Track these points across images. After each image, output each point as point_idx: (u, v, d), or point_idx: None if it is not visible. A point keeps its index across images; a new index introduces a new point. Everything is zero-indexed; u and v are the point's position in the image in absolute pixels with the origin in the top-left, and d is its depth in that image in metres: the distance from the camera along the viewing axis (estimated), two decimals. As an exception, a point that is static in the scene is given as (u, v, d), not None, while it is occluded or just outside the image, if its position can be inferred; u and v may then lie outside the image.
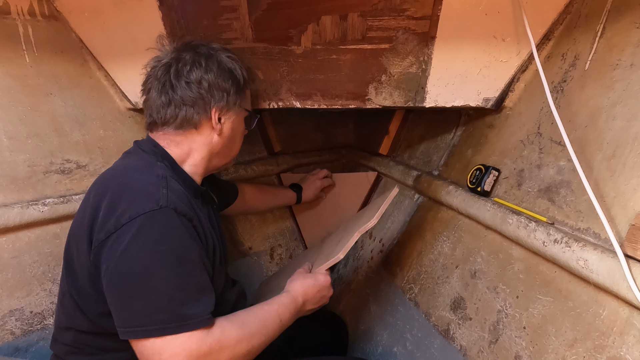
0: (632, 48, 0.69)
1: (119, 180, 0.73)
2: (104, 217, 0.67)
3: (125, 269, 0.64)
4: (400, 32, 0.93)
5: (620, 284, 0.57)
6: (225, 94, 0.84)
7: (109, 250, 0.65)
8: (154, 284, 0.64)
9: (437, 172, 1.19)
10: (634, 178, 0.62)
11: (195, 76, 0.81)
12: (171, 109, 0.81)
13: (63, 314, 0.79)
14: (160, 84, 0.82)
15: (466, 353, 0.84)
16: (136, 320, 0.63)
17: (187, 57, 0.82)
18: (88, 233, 0.69)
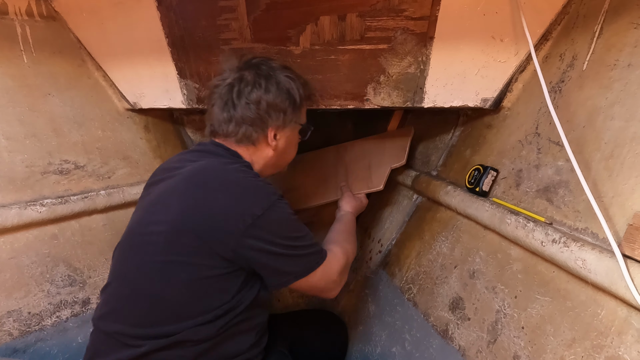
0: (629, 48, 0.69)
1: (228, 179, 0.81)
2: (234, 211, 0.76)
3: (280, 240, 0.78)
4: (398, 33, 0.93)
5: (618, 283, 0.57)
6: (282, 114, 0.92)
7: (260, 231, 0.76)
8: (303, 242, 0.82)
9: (436, 172, 1.19)
10: (632, 178, 0.62)
11: (255, 97, 0.89)
12: (232, 125, 0.90)
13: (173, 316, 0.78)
14: (222, 101, 0.91)
15: (465, 353, 0.84)
16: (303, 266, 0.83)
17: (249, 78, 0.90)
18: (212, 224, 0.76)
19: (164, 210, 0.80)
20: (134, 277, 0.80)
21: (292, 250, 0.80)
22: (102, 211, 1.13)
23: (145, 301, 0.78)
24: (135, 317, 0.78)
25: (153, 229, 0.79)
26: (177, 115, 1.45)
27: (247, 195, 0.78)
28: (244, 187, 0.79)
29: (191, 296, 0.77)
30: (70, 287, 1.05)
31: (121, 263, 0.84)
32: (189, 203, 0.78)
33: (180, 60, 1.10)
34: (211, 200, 0.77)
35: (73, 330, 1.04)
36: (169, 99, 1.19)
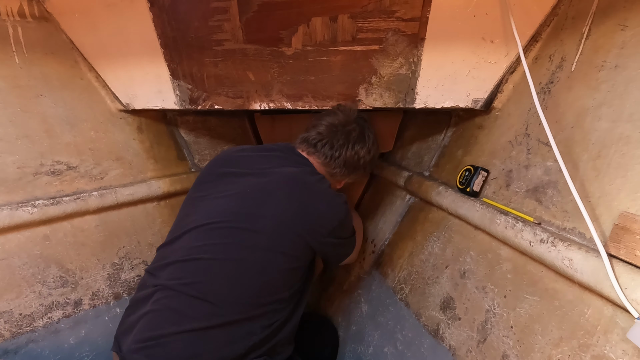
0: (616, 50, 0.70)
1: (323, 189, 1.00)
2: (324, 218, 0.97)
3: (348, 234, 1.08)
4: (390, 34, 0.93)
5: (603, 283, 0.57)
6: (364, 171, 1.17)
7: (340, 230, 1.01)
8: (353, 231, 1.12)
9: (428, 173, 1.20)
10: (618, 178, 0.63)
11: (363, 153, 1.12)
12: (334, 163, 1.09)
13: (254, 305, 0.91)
14: (340, 142, 1.08)
15: (455, 353, 0.85)
16: (353, 247, 1.14)
17: (361, 134, 1.11)
18: (309, 224, 0.95)
19: (270, 206, 0.94)
20: (238, 260, 0.91)
21: (350, 238, 1.09)
22: (94, 212, 1.13)
23: (246, 281, 0.90)
24: (234, 294, 0.89)
25: (259, 221, 0.92)
26: (170, 116, 1.45)
27: (335, 204, 0.99)
28: (332, 197, 0.99)
29: (282, 280, 0.93)
30: (62, 288, 1.05)
31: (220, 243, 0.92)
32: (296, 204, 0.94)
33: (173, 61, 1.10)
34: (314, 204, 0.96)
35: (65, 332, 1.04)
36: (162, 99, 1.19)
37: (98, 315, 1.11)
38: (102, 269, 1.14)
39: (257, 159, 1.05)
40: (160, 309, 0.88)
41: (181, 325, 0.85)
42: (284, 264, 0.93)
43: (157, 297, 0.90)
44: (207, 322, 0.86)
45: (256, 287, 0.91)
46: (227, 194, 0.99)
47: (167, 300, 0.89)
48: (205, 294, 0.88)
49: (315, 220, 0.95)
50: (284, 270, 0.94)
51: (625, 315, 0.56)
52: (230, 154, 1.09)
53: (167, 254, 0.96)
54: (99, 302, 1.12)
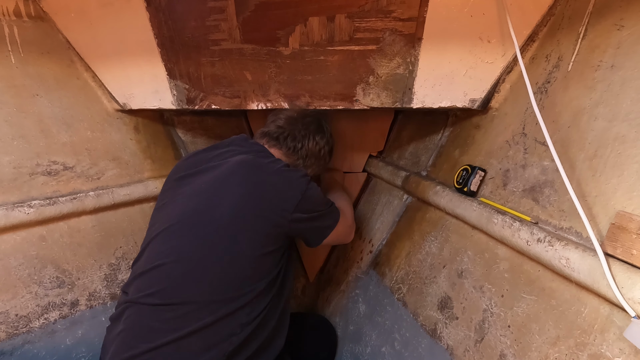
0: (612, 49, 0.70)
1: (277, 168, 0.97)
2: (284, 194, 0.93)
3: (319, 206, 1.01)
4: (387, 34, 0.93)
5: (600, 282, 0.57)
6: (323, 163, 1.22)
7: (307, 203, 0.95)
8: (329, 203, 1.06)
9: (426, 173, 1.20)
10: (615, 177, 0.63)
11: (323, 143, 1.17)
12: (298, 154, 1.13)
13: (227, 300, 0.88)
14: (300, 131, 1.13)
15: (453, 352, 0.85)
16: (334, 219, 1.06)
17: (318, 126, 1.17)
18: (269, 204, 0.92)
19: (224, 194, 0.91)
20: (201, 256, 0.88)
21: (326, 210, 1.03)
22: (91, 212, 1.12)
23: (213, 276, 0.87)
24: (202, 293, 0.86)
25: (215, 211, 0.90)
26: (167, 116, 1.44)
27: (292, 178, 0.96)
28: (288, 172, 0.97)
29: (251, 269, 0.90)
30: (58, 289, 1.05)
31: (179, 244, 0.90)
32: (249, 187, 0.91)
33: (170, 61, 1.10)
34: (269, 184, 0.93)
35: (61, 333, 1.04)
36: (159, 99, 1.18)
37: (95, 316, 1.11)
38: (98, 269, 1.13)
39: (211, 157, 1.04)
40: (129, 327, 0.86)
41: (153, 341, 0.82)
42: (250, 251, 0.89)
43: (127, 315, 0.88)
44: (179, 331, 0.83)
45: (224, 282, 0.87)
46: (183, 195, 0.98)
47: (135, 317, 0.87)
48: (171, 300, 0.85)
49: (275, 199, 0.92)
50: (252, 259, 0.90)
51: (621, 314, 0.56)
52: (185, 159, 1.10)
53: (136, 269, 0.95)
54: (96, 302, 1.12)
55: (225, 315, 0.86)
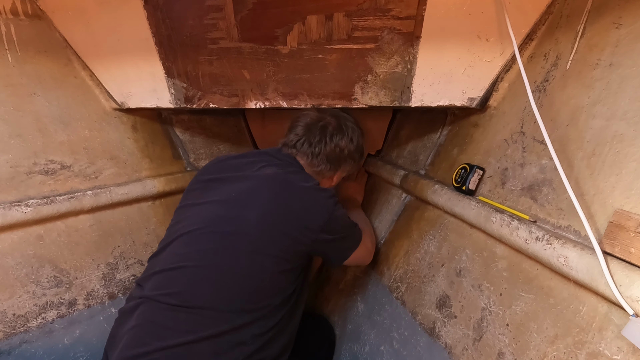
0: (611, 48, 0.70)
1: (306, 186, 0.98)
2: (311, 214, 0.94)
3: (343, 227, 1.02)
4: (385, 32, 0.93)
5: (598, 280, 0.57)
6: (352, 162, 1.16)
7: (333, 224, 0.96)
8: (352, 226, 1.07)
9: (424, 172, 1.20)
10: (613, 176, 0.63)
11: (343, 144, 1.11)
12: (317, 159, 1.10)
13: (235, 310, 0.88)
14: (314, 137, 1.09)
15: (451, 351, 0.85)
16: (356, 241, 1.07)
17: (337, 125, 1.11)
18: (296, 223, 0.93)
19: (252, 207, 0.92)
20: (223, 265, 0.89)
21: (349, 231, 1.04)
22: (88, 211, 1.12)
23: (233, 286, 0.88)
24: (220, 300, 0.87)
25: (243, 223, 0.91)
26: (165, 114, 1.44)
27: (319, 197, 0.96)
28: (317, 192, 0.97)
29: (271, 284, 0.91)
30: (56, 288, 1.04)
31: (204, 249, 0.91)
32: (279, 204, 0.93)
33: (168, 59, 1.10)
34: (298, 202, 0.94)
35: (59, 332, 1.04)
36: (157, 98, 1.18)
37: (93, 315, 1.11)
38: (96, 268, 1.13)
39: (242, 165, 1.05)
40: (143, 323, 0.86)
41: (165, 340, 0.83)
42: (272, 266, 0.91)
43: (141, 310, 0.88)
44: (192, 335, 0.83)
45: (243, 293, 0.89)
46: (211, 199, 0.98)
47: (150, 313, 0.87)
48: (189, 303, 0.86)
49: (302, 218, 0.93)
50: (272, 274, 0.91)
51: (620, 312, 0.56)
52: (217, 162, 1.10)
53: (154, 264, 0.95)
54: (94, 302, 1.12)
55: (240, 325, 0.87)
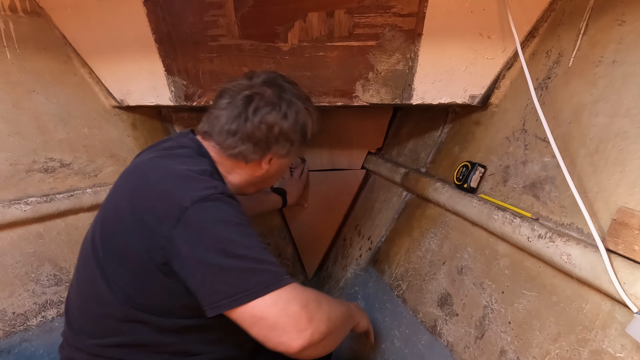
0: (614, 45, 0.70)
1: (164, 170, 0.74)
2: (163, 205, 0.68)
3: (212, 245, 0.65)
4: (387, 29, 0.93)
5: (602, 277, 0.57)
6: (289, 144, 0.86)
7: (185, 233, 0.65)
8: (242, 252, 0.66)
9: (425, 169, 1.20)
10: (616, 173, 0.63)
11: (272, 120, 0.82)
12: (234, 139, 0.82)
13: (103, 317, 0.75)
14: (235, 112, 0.82)
15: (453, 349, 0.84)
16: (237, 288, 0.64)
17: (270, 97, 0.83)
18: (141, 223, 0.69)
19: (108, 207, 0.77)
20: (85, 288, 0.78)
21: (229, 259, 0.65)
22: (88, 210, 1.11)
23: (94, 310, 0.76)
24: (90, 327, 0.77)
25: (96, 236, 0.76)
26: (165, 112, 1.43)
27: (177, 186, 0.69)
28: (175, 178, 0.71)
29: (126, 298, 0.73)
30: (56, 287, 1.04)
31: (77, 276, 0.82)
32: (129, 195, 0.73)
33: (168, 56, 1.09)
34: (150, 186, 0.71)
35: (59, 330, 1.02)
36: (157, 96, 1.18)
37: (93, 313, 1.10)
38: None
39: (138, 160, 0.87)
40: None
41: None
42: (123, 278, 0.72)
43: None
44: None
45: (98, 322, 0.76)
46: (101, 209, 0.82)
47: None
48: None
49: (149, 208, 0.69)
50: (124, 289, 0.72)
51: (623, 310, 0.56)
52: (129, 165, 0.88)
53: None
54: (94, 300, 1.11)
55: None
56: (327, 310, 0.72)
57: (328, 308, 0.73)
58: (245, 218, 0.70)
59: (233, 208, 0.70)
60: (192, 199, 0.66)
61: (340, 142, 1.53)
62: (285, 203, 1.43)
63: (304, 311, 0.67)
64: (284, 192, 1.43)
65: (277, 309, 0.65)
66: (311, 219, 1.58)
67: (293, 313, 0.65)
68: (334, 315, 0.73)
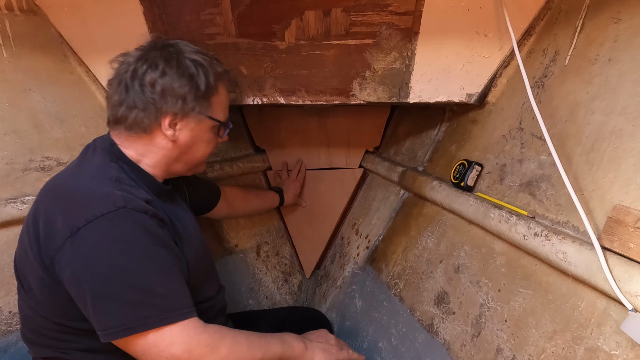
0: (610, 43, 0.70)
1: (66, 185, 0.72)
2: (55, 223, 0.65)
3: (95, 270, 0.63)
4: (383, 28, 0.93)
5: (597, 275, 0.57)
6: (180, 101, 0.77)
7: (70, 255, 0.63)
8: (127, 280, 0.64)
9: (422, 168, 1.20)
10: (612, 171, 0.63)
11: (150, 79, 0.76)
12: (123, 109, 0.77)
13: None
14: (117, 82, 0.78)
15: (449, 347, 0.85)
16: (118, 320, 0.63)
17: (150, 58, 0.78)
18: (35, 242, 0.67)
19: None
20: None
21: (121, 285, 0.63)
22: (85, 208, 1.11)
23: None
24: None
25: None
26: (162, 111, 1.43)
27: (76, 203, 0.66)
28: (78, 194, 0.69)
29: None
30: (53, 286, 1.04)
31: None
32: (31, 217, 0.71)
33: (165, 55, 1.09)
34: (41, 220, 0.68)
35: (56, 329, 1.03)
36: (154, 94, 1.17)
37: (90, 312, 1.10)
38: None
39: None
40: None
41: None
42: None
43: None
44: None
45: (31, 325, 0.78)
46: None
47: None
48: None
49: (38, 237, 0.67)
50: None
51: (618, 307, 0.56)
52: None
53: None
54: (91, 299, 1.11)
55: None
56: (224, 357, 0.69)
57: (228, 354, 0.70)
58: (149, 237, 0.67)
59: (135, 225, 0.66)
60: (86, 218, 0.63)
61: (338, 141, 1.53)
62: (282, 201, 1.43)
63: (185, 357, 0.65)
64: (281, 191, 1.43)
65: (156, 351, 0.64)
66: (309, 217, 1.58)
67: (171, 358, 0.64)
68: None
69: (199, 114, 0.80)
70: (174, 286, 0.68)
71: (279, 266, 1.58)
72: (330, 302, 1.40)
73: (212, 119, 0.83)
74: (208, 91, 0.80)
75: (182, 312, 0.66)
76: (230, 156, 1.49)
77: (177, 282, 0.69)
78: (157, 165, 0.81)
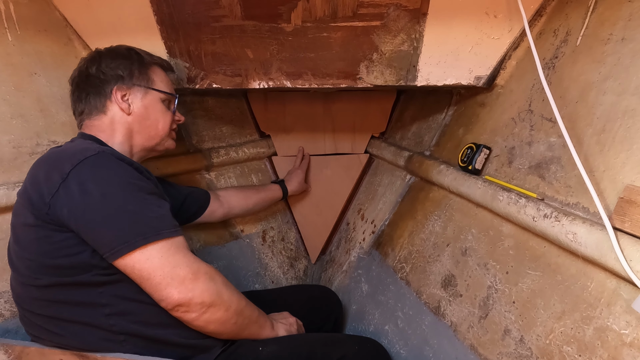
0: (623, 22, 0.69)
1: (52, 152, 0.79)
2: (48, 179, 0.72)
3: (89, 202, 0.70)
4: (391, 9, 0.91)
5: (608, 255, 0.57)
6: (121, 76, 0.91)
7: (65, 196, 0.70)
8: (119, 205, 0.71)
9: (429, 152, 1.19)
10: (623, 152, 0.63)
11: (93, 69, 0.91)
12: (82, 103, 0.91)
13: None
14: (72, 88, 0.94)
15: (456, 329, 0.85)
16: (119, 239, 0.70)
17: (89, 58, 0.93)
18: (27, 201, 0.74)
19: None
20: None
21: (112, 205, 0.70)
22: (92, 193, 1.11)
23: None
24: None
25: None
26: (167, 96, 1.42)
27: (60, 158, 0.74)
28: (61, 152, 0.77)
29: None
30: (61, 269, 1.04)
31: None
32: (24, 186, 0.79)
33: (170, 38, 1.08)
34: (31, 182, 0.76)
35: (66, 312, 1.04)
36: (159, 78, 1.16)
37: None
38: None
39: None
40: None
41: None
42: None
43: None
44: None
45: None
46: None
47: None
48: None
49: (30, 195, 0.74)
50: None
51: (629, 287, 0.56)
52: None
53: None
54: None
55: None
56: (216, 273, 0.78)
57: (218, 274, 0.79)
58: (132, 171, 0.76)
59: (117, 163, 0.75)
60: (71, 164, 0.71)
61: (343, 126, 1.52)
62: (286, 193, 1.42)
63: (191, 274, 0.73)
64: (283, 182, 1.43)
65: (163, 265, 0.71)
66: (314, 203, 1.58)
67: (178, 272, 0.72)
68: (226, 296, 0.77)
69: (143, 87, 0.93)
70: (162, 212, 0.76)
71: (284, 251, 1.59)
72: (336, 287, 1.41)
73: (154, 89, 0.95)
74: (144, 66, 0.95)
75: (170, 230, 0.74)
76: (235, 142, 1.48)
77: (165, 208, 0.77)
78: (125, 141, 0.91)
